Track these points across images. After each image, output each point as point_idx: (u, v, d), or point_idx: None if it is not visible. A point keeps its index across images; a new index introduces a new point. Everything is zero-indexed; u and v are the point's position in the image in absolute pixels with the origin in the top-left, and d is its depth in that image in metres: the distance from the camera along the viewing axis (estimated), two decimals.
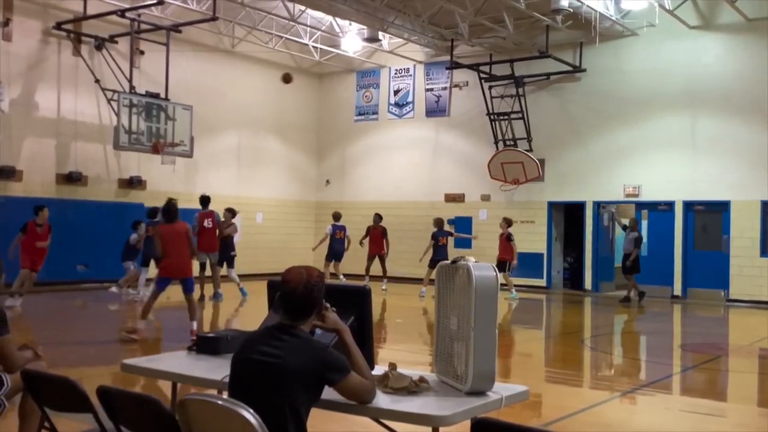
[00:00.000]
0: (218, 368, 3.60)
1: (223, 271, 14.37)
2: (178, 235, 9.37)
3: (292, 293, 3.02)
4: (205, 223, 13.84)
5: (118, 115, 15.66)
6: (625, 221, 17.10)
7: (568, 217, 19.08)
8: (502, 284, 13.60)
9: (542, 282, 18.57)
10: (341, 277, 16.76)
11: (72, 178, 16.33)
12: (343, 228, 16.96)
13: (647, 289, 16.06)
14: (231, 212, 14.64)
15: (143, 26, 16.56)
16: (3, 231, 14.59)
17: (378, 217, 17.29)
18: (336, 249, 16.82)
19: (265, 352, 2.93)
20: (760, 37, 15.99)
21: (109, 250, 14.08)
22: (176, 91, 16.95)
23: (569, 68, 17.98)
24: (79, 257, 16.17)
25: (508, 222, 16.33)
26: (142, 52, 17.29)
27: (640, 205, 17.79)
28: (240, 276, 14.70)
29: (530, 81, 18.51)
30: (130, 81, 16.20)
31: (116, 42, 16.76)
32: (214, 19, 15.79)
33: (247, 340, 3.10)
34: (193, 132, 16.93)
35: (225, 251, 14.33)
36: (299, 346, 2.94)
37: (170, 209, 9.46)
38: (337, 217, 17.14)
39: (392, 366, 3.42)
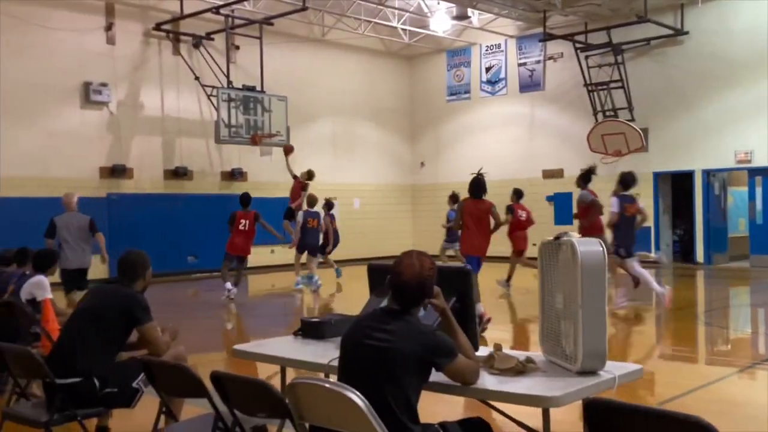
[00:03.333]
0: (324, 352, 3.66)
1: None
2: (484, 213, 9.18)
3: (404, 285, 3.01)
4: (241, 225, 12.57)
5: (217, 110, 16.18)
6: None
7: (675, 187, 18.32)
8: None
9: (651, 256, 17.91)
10: (316, 276, 13.93)
11: (178, 174, 17.02)
12: (316, 215, 14.05)
13: (761, 260, 15.18)
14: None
15: (237, 21, 16.99)
16: (117, 225, 15.39)
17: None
18: (308, 241, 13.84)
19: (375, 336, 2.93)
20: None
21: (216, 241, 14.53)
22: (271, 82, 17.33)
23: (670, 32, 17.16)
24: (188, 249, 16.85)
25: (518, 194, 13.76)
26: (237, 47, 17.74)
27: (753, 171, 16.84)
28: (339, 261, 14.87)
29: (629, 48, 17.80)
30: (227, 76, 16.67)
31: (212, 39, 17.27)
32: (304, 9, 15.99)
33: (356, 324, 3.11)
34: (289, 122, 17.26)
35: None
36: (408, 330, 2.93)
37: (480, 183, 9.14)
38: (311, 203, 14.03)
39: (497, 346, 3.36)
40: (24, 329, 5.83)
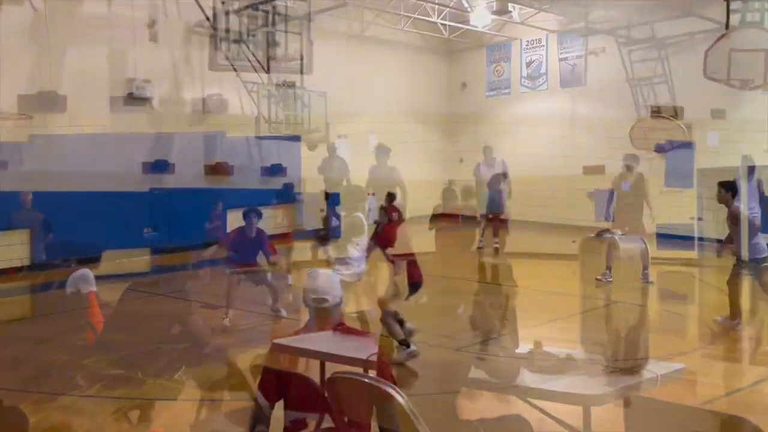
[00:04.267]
0: (364, 347, 3.66)
1: None
2: None
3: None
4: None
5: (257, 105, 16.31)
6: None
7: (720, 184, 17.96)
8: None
9: (694, 254, 17.58)
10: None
11: (219, 168, 17.19)
12: None
13: None
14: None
15: (277, 18, 17.09)
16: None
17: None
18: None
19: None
20: None
21: None
22: (311, 78, 17.38)
23: (716, 26, 16.78)
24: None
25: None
26: (277, 44, 17.82)
27: None
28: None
29: (673, 42, 17.46)
30: (267, 72, 16.79)
31: (254, 35, 17.39)
32: (344, 5, 16.03)
33: None
34: (328, 118, 17.32)
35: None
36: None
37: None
38: None
39: (538, 344, 3.34)
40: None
